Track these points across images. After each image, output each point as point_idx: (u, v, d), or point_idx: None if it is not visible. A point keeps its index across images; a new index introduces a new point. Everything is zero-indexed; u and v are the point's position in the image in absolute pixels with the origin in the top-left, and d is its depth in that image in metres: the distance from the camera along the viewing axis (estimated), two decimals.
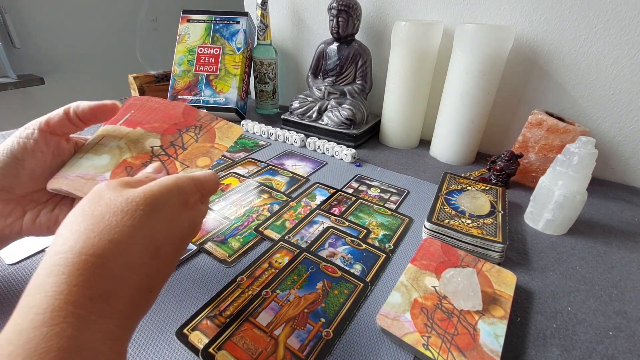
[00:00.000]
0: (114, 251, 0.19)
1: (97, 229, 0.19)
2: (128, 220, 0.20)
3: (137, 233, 0.20)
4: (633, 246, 0.43)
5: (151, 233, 0.21)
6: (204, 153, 0.33)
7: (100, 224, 0.19)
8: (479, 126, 0.60)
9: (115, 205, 0.20)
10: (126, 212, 0.20)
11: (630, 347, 0.30)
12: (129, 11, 1.72)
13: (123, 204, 0.20)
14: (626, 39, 0.51)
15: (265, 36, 0.78)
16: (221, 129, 0.34)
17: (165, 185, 0.23)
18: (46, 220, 0.29)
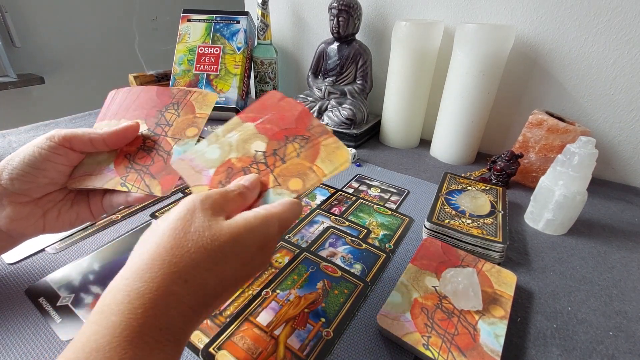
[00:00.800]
0: (186, 291, 0.19)
1: (179, 264, 0.20)
2: (208, 264, 0.20)
3: (210, 278, 0.20)
4: (633, 246, 0.43)
5: (223, 278, 0.21)
6: (190, 124, 0.34)
7: (182, 260, 0.20)
8: (479, 126, 0.60)
9: (201, 240, 0.21)
10: (209, 253, 0.20)
11: (631, 347, 0.30)
12: (129, 11, 1.72)
13: (208, 241, 0.21)
14: (627, 38, 0.51)
15: (266, 36, 0.78)
16: (197, 99, 0.35)
17: (252, 227, 0.23)
18: (68, 217, 0.31)
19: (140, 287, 0.18)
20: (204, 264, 0.20)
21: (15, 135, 0.67)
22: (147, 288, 0.18)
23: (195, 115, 0.35)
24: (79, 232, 0.41)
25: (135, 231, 0.41)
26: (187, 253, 0.20)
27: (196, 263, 0.20)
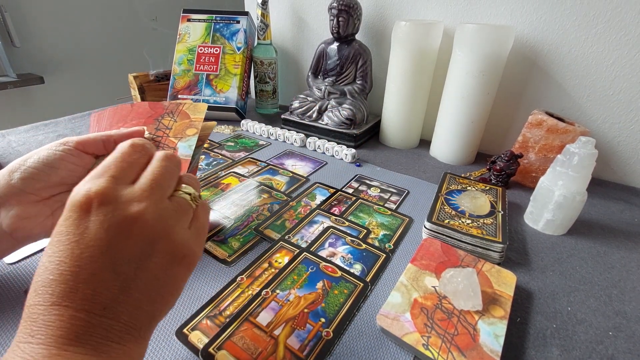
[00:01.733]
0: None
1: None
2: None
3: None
4: (633, 246, 0.43)
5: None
6: (188, 126, 0.38)
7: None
8: (479, 126, 0.60)
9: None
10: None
11: (630, 347, 0.30)
12: (129, 11, 1.72)
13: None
14: (626, 39, 0.51)
15: (266, 36, 0.78)
16: (189, 108, 0.39)
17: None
18: None
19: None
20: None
21: (14, 135, 0.66)
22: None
23: (191, 119, 0.39)
24: None
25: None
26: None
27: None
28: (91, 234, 0.19)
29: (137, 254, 0.20)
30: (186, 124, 0.38)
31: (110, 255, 0.19)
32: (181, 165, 0.26)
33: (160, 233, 0.21)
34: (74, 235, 0.19)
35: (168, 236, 0.21)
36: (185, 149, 0.37)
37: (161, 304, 0.21)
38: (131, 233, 0.20)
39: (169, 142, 0.37)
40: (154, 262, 0.21)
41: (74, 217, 0.20)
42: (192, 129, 0.38)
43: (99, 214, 0.20)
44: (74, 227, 0.19)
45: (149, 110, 0.38)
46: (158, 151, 0.25)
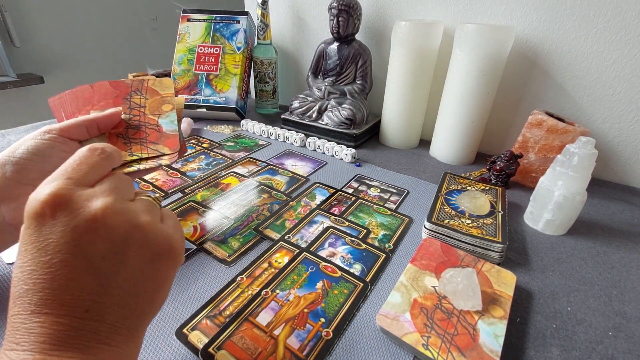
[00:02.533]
0: None
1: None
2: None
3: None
4: (632, 246, 0.43)
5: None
6: (162, 103, 0.38)
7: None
8: (479, 126, 0.60)
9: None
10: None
11: (630, 347, 0.30)
12: (129, 11, 1.72)
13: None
14: (626, 39, 0.51)
15: (266, 36, 0.78)
16: (155, 84, 0.39)
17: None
18: None
19: None
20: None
21: (14, 135, 0.67)
22: None
23: (161, 96, 0.38)
24: None
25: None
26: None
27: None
28: (56, 238, 0.18)
29: (110, 249, 0.19)
30: (159, 101, 0.38)
31: (81, 255, 0.18)
32: (132, 180, 0.25)
33: (129, 223, 0.20)
34: (39, 243, 0.18)
35: (140, 227, 0.21)
36: (169, 124, 0.37)
37: (148, 301, 0.21)
38: (98, 229, 0.19)
39: (149, 120, 0.37)
40: (132, 256, 0.20)
41: (35, 225, 0.19)
42: (167, 105, 0.38)
43: (59, 216, 0.19)
44: (36, 234, 0.19)
45: (112, 90, 0.37)
46: (115, 172, 0.24)
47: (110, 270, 0.19)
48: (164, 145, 0.36)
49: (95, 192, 0.21)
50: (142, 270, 0.20)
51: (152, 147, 0.36)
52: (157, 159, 0.36)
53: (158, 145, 0.36)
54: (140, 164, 0.35)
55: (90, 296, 0.18)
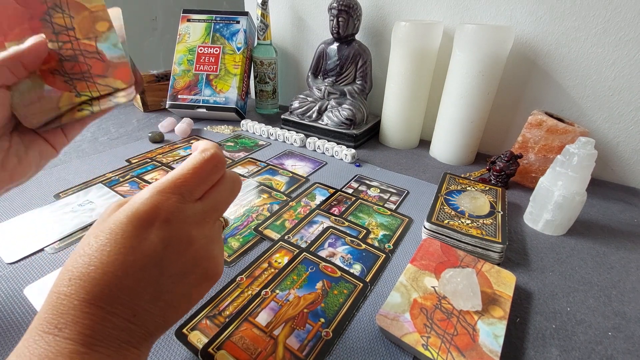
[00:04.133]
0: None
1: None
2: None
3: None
4: (632, 247, 0.43)
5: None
6: (93, 20, 0.30)
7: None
8: (479, 126, 0.60)
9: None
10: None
11: (629, 347, 0.30)
12: (129, 11, 1.72)
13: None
14: (626, 39, 0.51)
15: (266, 36, 0.78)
16: None
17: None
18: (30, 160, 0.29)
19: None
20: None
21: None
22: None
23: (90, 10, 0.30)
24: (79, 232, 0.41)
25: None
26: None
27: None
28: (149, 246, 0.19)
29: (181, 271, 0.21)
30: (88, 18, 0.30)
31: (160, 268, 0.20)
32: (239, 192, 0.25)
33: (206, 255, 0.22)
34: (131, 241, 0.19)
35: (210, 258, 0.23)
36: (112, 49, 0.30)
37: (177, 315, 0.21)
38: (185, 252, 0.21)
39: (85, 46, 0.29)
40: (190, 279, 0.21)
41: (136, 225, 0.19)
42: (102, 23, 0.30)
43: (162, 230, 0.20)
44: (133, 235, 0.19)
45: (21, 9, 0.28)
46: (229, 172, 0.25)
47: (170, 287, 0.20)
48: (113, 77, 0.30)
49: (197, 215, 0.22)
50: (191, 291, 0.22)
51: (101, 81, 0.30)
52: (111, 97, 0.30)
53: (107, 78, 0.30)
54: (92, 105, 0.30)
55: (143, 303, 0.19)
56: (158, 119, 0.78)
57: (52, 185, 0.50)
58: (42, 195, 0.48)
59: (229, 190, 0.24)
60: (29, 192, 0.48)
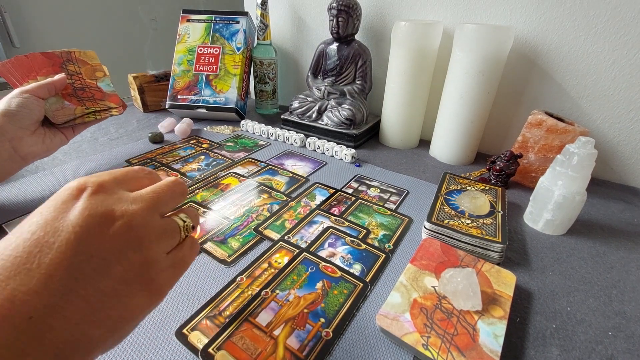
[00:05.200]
0: None
1: None
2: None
3: None
4: (632, 246, 0.43)
5: None
6: (94, 70, 0.52)
7: None
8: (479, 126, 0.60)
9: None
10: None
11: (630, 347, 0.30)
12: (129, 11, 1.72)
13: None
14: (626, 39, 0.51)
15: (265, 36, 0.78)
16: (82, 55, 0.53)
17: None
18: (56, 140, 0.48)
19: None
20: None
21: None
22: None
23: (91, 65, 0.53)
24: None
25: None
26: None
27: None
28: (67, 219, 0.18)
29: (104, 254, 0.18)
30: (90, 68, 0.52)
31: (75, 246, 0.17)
32: (186, 195, 0.25)
33: (136, 241, 0.19)
34: (50, 214, 0.18)
35: (143, 250, 0.19)
36: (107, 86, 0.53)
37: (107, 331, 0.18)
38: (108, 230, 0.18)
39: (89, 83, 0.51)
40: (117, 271, 0.18)
41: (61, 199, 0.19)
42: (99, 72, 0.53)
43: (86, 201, 0.19)
44: (55, 207, 0.18)
45: (46, 60, 0.50)
46: (168, 177, 0.24)
47: (88, 274, 0.17)
48: (109, 101, 0.52)
49: (131, 196, 0.20)
50: (118, 291, 0.18)
51: (100, 102, 0.51)
52: (108, 111, 0.52)
53: (105, 101, 0.51)
54: (96, 114, 0.50)
55: (49, 297, 0.16)
56: (158, 119, 0.78)
57: (53, 185, 0.50)
58: (42, 195, 0.48)
59: (168, 186, 0.23)
60: (30, 193, 0.48)
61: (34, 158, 0.45)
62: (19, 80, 0.47)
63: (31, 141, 0.44)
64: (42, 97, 0.45)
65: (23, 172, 0.54)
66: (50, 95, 0.46)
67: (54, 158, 0.59)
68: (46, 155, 0.47)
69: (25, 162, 0.44)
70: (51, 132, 0.47)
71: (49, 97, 0.46)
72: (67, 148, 0.62)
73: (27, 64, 0.48)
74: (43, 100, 0.45)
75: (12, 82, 0.47)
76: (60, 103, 0.47)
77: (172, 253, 0.22)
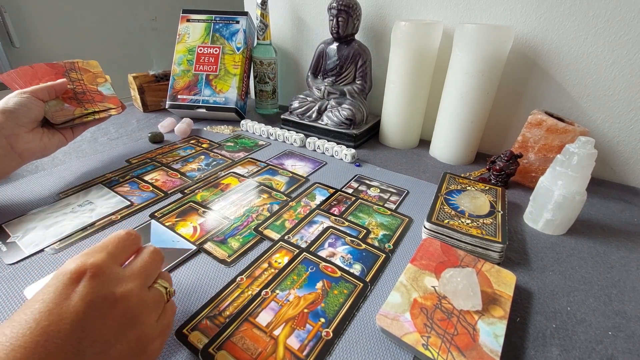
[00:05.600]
0: None
1: None
2: None
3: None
4: (632, 246, 0.43)
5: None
6: (96, 76, 0.54)
7: None
8: (479, 126, 0.60)
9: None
10: None
11: (630, 347, 0.30)
12: (129, 11, 1.72)
13: None
14: (626, 38, 0.51)
15: (265, 36, 0.78)
16: (85, 65, 0.55)
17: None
18: (54, 140, 0.48)
19: None
20: None
21: None
22: None
23: (93, 72, 0.55)
24: (78, 233, 0.41)
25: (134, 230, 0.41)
26: None
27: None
28: (70, 305, 0.19)
29: (106, 337, 0.19)
30: (92, 76, 0.54)
31: (79, 332, 0.18)
32: (163, 262, 0.27)
33: (133, 320, 0.21)
34: (52, 301, 0.19)
35: (140, 326, 0.21)
36: (107, 90, 0.55)
37: None
38: (110, 313, 0.20)
39: (90, 88, 0.53)
40: (117, 350, 0.20)
41: (62, 284, 0.20)
42: (100, 78, 0.55)
43: (87, 286, 0.20)
44: (56, 293, 0.19)
45: (50, 69, 0.51)
46: (147, 245, 0.27)
47: (91, 358, 0.19)
48: (108, 103, 0.53)
49: (125, 274, 0.22)
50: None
51: (100, 104, 0.52)
52: (107, 112, 0.52)
53: (104, 103, 0.53)
54: (94, 115, 0.51)
55: None
56: (158, 119, 0.78)
57: (53, 185, 0.50)
58: (42, 195, 0.48)
59: (151, 257, 0.25)
60: (30, 193, 0.48)
61: (32, 156, 0.45)
62: (21, 87, 0.48)
63: (28, 138, 0.44)
64: (41, 99, 0.45)
65: (23, 172, 0.54)
66: (50, 98, 0.47)
67: (54, 158, 0.59)
68: (43, 155, 0.47)
69: (22, 160, 0.44)
70: (50, 132, 0.47)
71: (49, 100, 0.47)
72: (67, 148, 0.62)
73: (31, 73, 0.49)
74: (42, 101, 0.46)
75: (15, 89, 0.48)
76: (60, 105, 0.48)
77: (159, 321, 0.24)
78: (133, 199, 0.48)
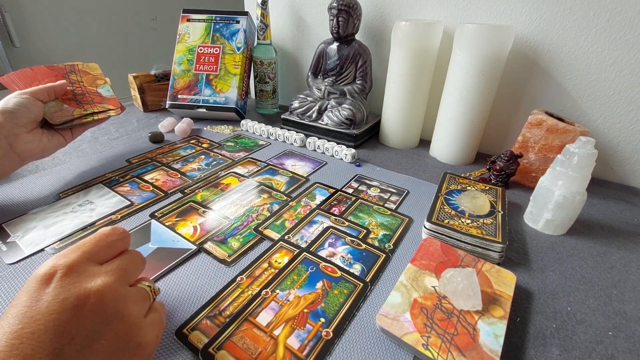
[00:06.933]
0: None
1: None
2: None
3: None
4: (632, 246, 0.43)
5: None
6: (95, 78, 0.55)
7: None
8: (479, 126, 0.60)
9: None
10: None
11: (630, 347, 0.30)
12: (129, 11, 1.72)
13: None
14: (626, 38, 0.51)
15: (265, 36, 0.78)
16: (85, 67, 0.55)
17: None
18: (54, 141, 0.48)
19: None
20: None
21: None
22: None
23: (93, 75, 0.55)
24: (79, 233, 0.41)
25: (134, 231, 0.41)
26: None
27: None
28: (43, 307, 0.18)
29: (85, 333, 0.19)
30: (92, 78, 0.54)
31: (55, 332, 0.18)
32: (144, 265, 0.27)
33: (116, 313, 0.20)
34: (25, 305, 0.19)
35: (124, 318, 0.21)
36: (106, 92, 0.55)
37: None
38: (85, 309, 0.19)
39: (90, 89, 0.53)
40: (102, 345, 0.19)
41: (33, 286, 0.19)
42: (100, 80, 0.55)
43: (58, 286, 0.19)
44: (28, 296, 0.19)
45: (50, 71, 0.51)
46: (130, 250, 0.27)
47: (73, 356, 0.18)
48: (108, 104, 0.53)
49: (100, 271, 0.22)
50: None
51: (99, 105, 0.52)
52: (106, 113, 0.53)
53: (103, 104, 0.53)
54: (94, 116, 0.51)
55: None
56: (158, 119, 0.78)
57: (53, 185, 0.50)
58: (42, 195, 0.48)
59: (131, 257, 0.25)
60: (30, 193, 0.48)
61: (31, 157, 0.45)
62: (21, 89, 0.48)
63: (28, 138, 0.44)
64: (40, 99, 0.45)
65: (23, 172, 0.54)
66: (50, 99, 0.47)
67: (54, 158, 0.59)
68: (43, 155, 0.47)
69: (22, 160, 0.44)
70: (49, 133, 0.47)
71: (48, 101, 0.47)
72: (67, 148, 0.62)
73: (31, 75, 0.50)
74: (42, 102, 0.46)
75: (15, 90, 0.48)
76: (59, 106, 0.48)
77: (148, 316, 0.24)
78: (133, 198, 0.48)
